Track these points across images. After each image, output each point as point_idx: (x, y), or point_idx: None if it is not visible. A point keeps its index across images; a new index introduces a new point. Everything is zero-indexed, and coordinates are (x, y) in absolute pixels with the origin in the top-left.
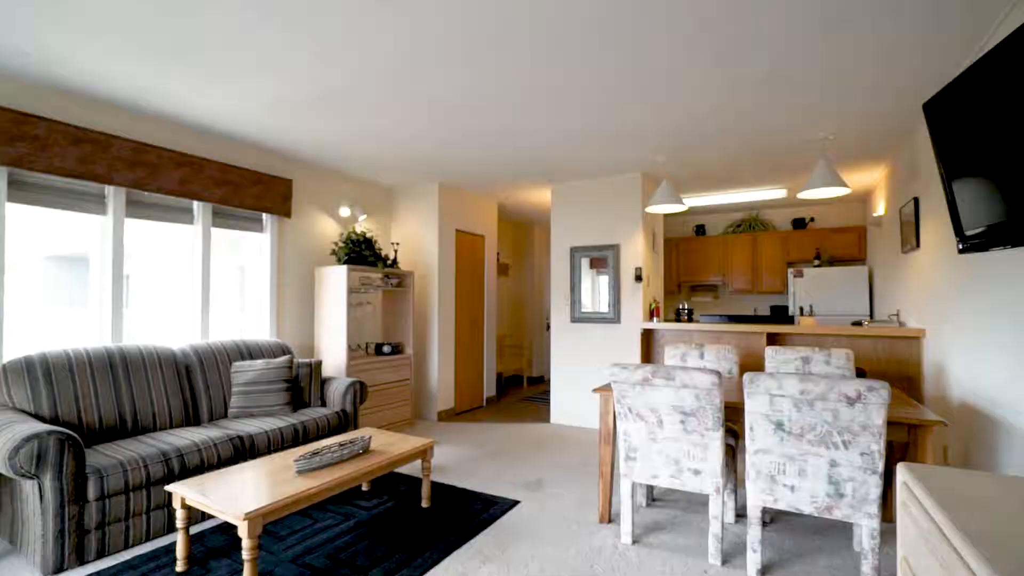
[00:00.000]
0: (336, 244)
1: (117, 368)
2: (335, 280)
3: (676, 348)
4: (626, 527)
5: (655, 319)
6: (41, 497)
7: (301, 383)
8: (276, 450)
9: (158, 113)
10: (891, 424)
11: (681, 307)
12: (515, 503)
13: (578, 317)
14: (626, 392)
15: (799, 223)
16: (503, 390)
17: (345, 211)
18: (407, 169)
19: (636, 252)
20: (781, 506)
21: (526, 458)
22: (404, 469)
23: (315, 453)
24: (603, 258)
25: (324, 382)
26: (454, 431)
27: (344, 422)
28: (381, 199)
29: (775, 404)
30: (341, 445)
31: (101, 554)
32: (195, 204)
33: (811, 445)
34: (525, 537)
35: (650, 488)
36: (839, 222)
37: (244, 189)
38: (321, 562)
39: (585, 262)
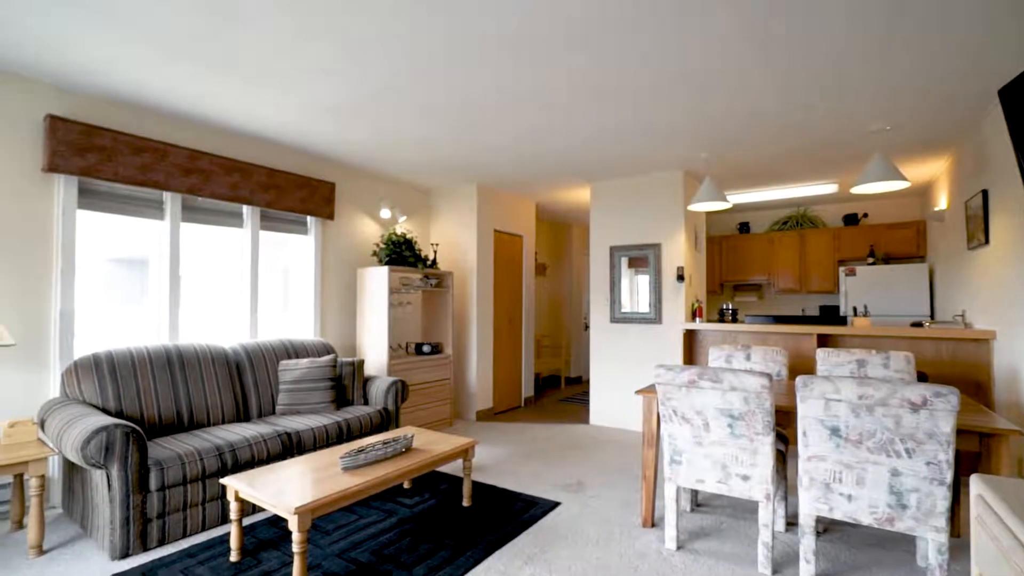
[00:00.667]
0: (377, 245)
1: (175, 365)
2: (376, 281)
3: (720, 349)
4: (670, 532)
5: (698, 319)
6: (109, 486)
7: (344, 382)
8: (321, 447)
9: (209, 121)
10: (960, 433)
11: (725, 307)
12: (556, 504)
13: (618, 317)
14: (671, 394)
15: (851, 219)
16: (541, 390)
17: (385, 213)
18: (446, 170)
19: (678, 251)
20: (837, 516)
21: (566, 459)
22: (445, 468)
23: (360, 451)
24: (643, 257)
25: (366, 381)
26: (493, 431)
27: (386, 420)
28: (420, 200)
29: (831, 409)
30: (384, 443)
31: (162, 542)
32: (244, 208)
33: (870, 453)
34: (567, 539)
35: (694, 493)
36: (895, 217)
37: (289, 193)
38: (366, 557)
39: (624, 261)
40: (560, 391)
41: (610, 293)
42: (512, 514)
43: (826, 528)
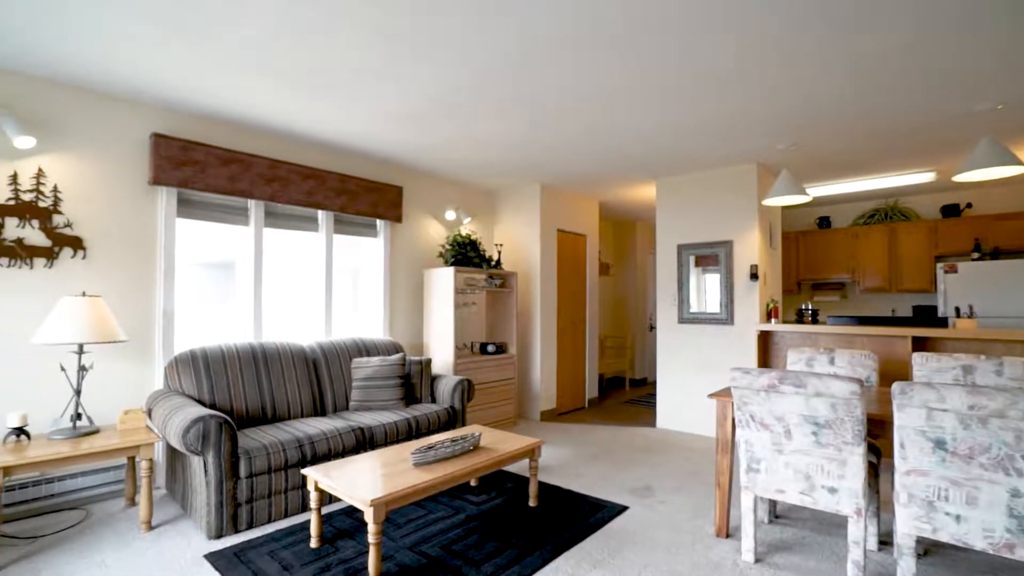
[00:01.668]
0: (443, 246)
1: (259, 362)
2: (442, 281)
3: (800, 352)
4: (747, 543)
5: (773, 320)
6: (205, 471)
7: (413, 380)
8: (392, 442)
9: (287, 132)
10: None
11: (804, 307)
12: (623, 508)
13: (686, 318)
14: (748, 399)
15: (951, 210)
16: (605, 392)
17: (450, 214)
18: (510, 171)
19: (751, 248)
20: (942, 537)
21: (632, 462)
22: (511, 467)
23: (430, 447)
24: (713, 255)
25: (433, 379)
26: (557, 431)
27: (453, 418)
28: (484, 201)
29: (934, 419)
30: (453, 441)
31: (250, 525)
32: (319, 213)
33: (984, 470)
34: (636, 544)
35: (773, 503)
36: (1005, 207)
37: (360, 197)
38: (436, 552)
39: (692, 260)
40: (624, 393)
41: (678, 293)
42: (579, 516)
43: (927, 550)
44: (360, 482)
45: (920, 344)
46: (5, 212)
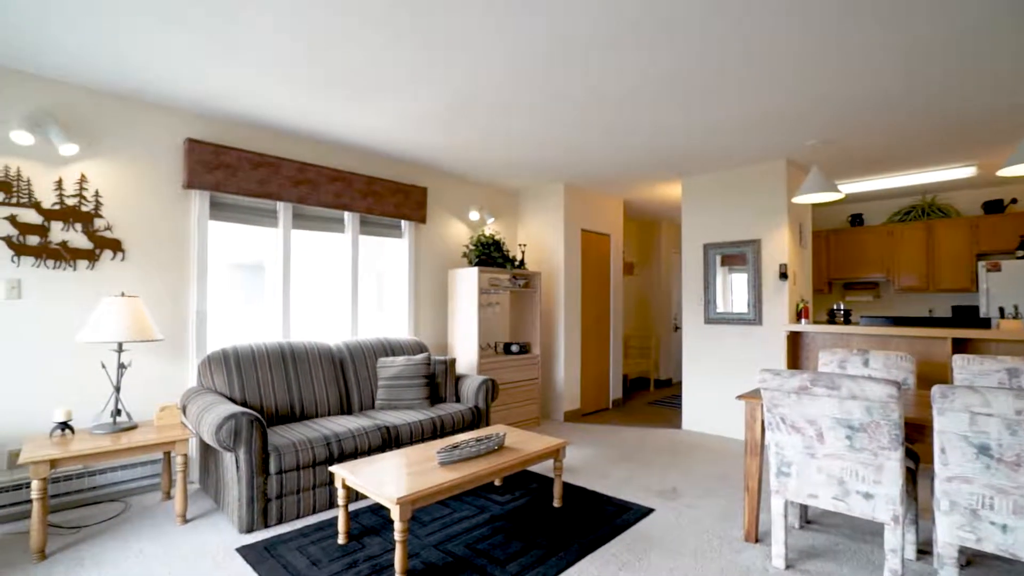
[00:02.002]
0: (467, 247)
1: (288, 361)
2: (466, 281)
3: (833, 354)
4: (778, 549)
5: (803, 321)
6: (237, 467)
7: (437, 379)
8: (417, 441)
9: (316, 135)
10: None
11: (836, 307)
12: (649, 511)
13: (712, 318)
14: (779, 401)
15: (994, 206)
16: (629, 392)
17: (474, 215)
18: (533, 171)
19: (780, 247)
20: (987, 548)
21: (658, 464)
22: (535, 467)
23: (455, 447)
24: (740, 255)
25: (458, 379)
26: (581, 432)
27: (477, 418)
28: (508, 202)
29: (978, 424)
30: (478, 440)
31: (279, 521)
32: (346, 214)
33: None
34: (662, 547)
35: (804, 508)
36: None
37: (386, 199)
38: (461, 551)
39: (718, 259)
40: (649, 393)
41: (704, 293)
42: (604, 518)
43: (970, 560)
44: (386, 480)
45: (960, 346)
46: (51, 216)
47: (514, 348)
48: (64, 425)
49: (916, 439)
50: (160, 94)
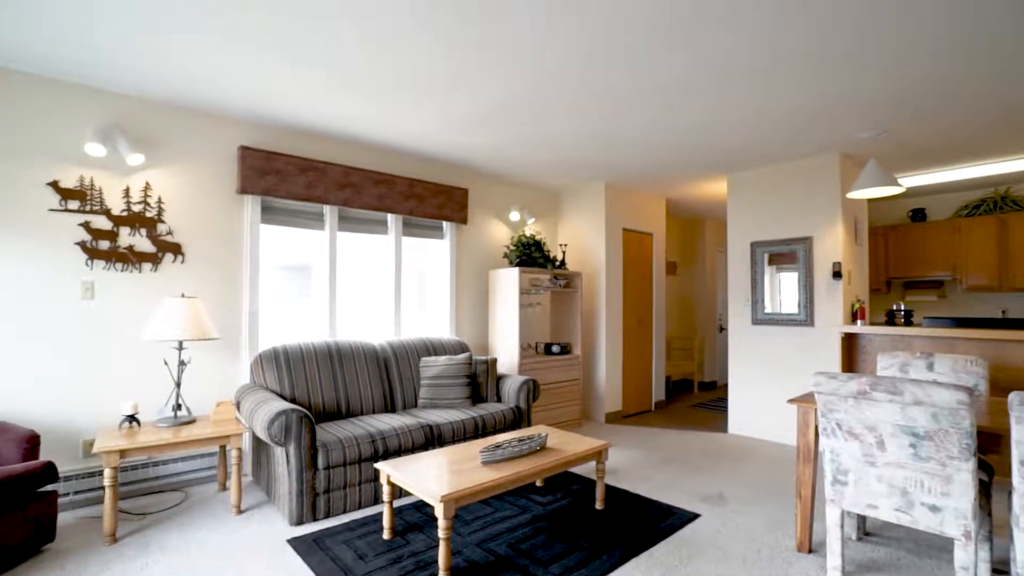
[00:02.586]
0: (507, 247)
1: (334, 360)
2: (507, 282)
3: (893, 357)
4: (833, 561)
5: (859, 322)
6: (287, 461)
7: (479, 379)
8: (459, 440)
9: (360, 139)
10: None
11: (896, 308)
12: (694, 516)
13: (760, 319)
14: (834, 405)
15: None
16: (672, 394)
17: (515, 215)
18: (574, 170)
19: (834, 245)
20: None
21: (703, 469)
22: (576, 469)
23: (497, 446)
24: (790, 253)
25: (499, 379)
26: (623, 434)
27: (518, 418)
28: (549, 202)
29: None
30: (520, 440)
31: (327, 515)
32: (389, 216)
33: None
34: (709, 554)
35: (862, 519)
36: None
37: (428, 200)
38: (503, 550)
39: (766, 258)
40: (693, 396)
41: (751, 293)
42: (648, 521)
43: None
44: (430, 478)
45: None
46: (120, 222)
47: (555, 348)
48: (131, 418)
49: (990, 450)
50: (216, 104)
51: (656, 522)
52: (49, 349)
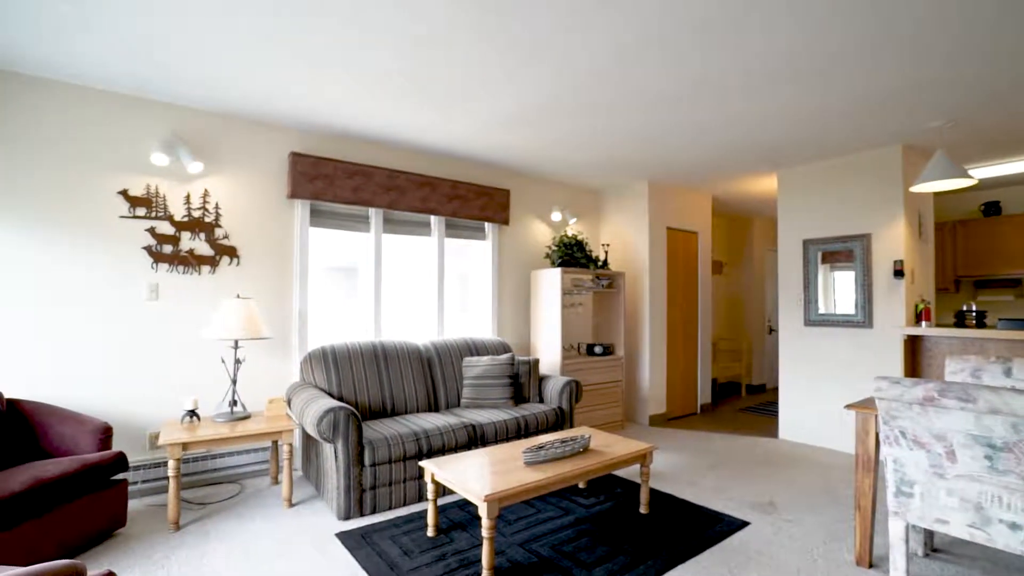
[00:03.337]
0: (549, 248)
1: (380, 360)
2: (549, 282)
3: (963, 361)
4: None
5: (924, 323)
6: (336, 457)
7: (521, 379)
8: (501, 440)
9: (404, 143)
10: None
11: (966, 308)
12: (744, 524)
13: (814, 320)
14: (898, 412)
15: None
16: (718, 398)
17: (556, 216)
18: (617, 169)
19: (895, 241)
20: None
21: (752, 475)
22: (620, 471)
23: (540, 447)
24: (846, 251)
25: (541, 379)
26: (667, 437)
27: (560, 419)
28: (590, 201)
29: None
30: (563, 442)
31: (373, 511)
32: (432, 218)
33: None
34: (760, 565)
35: (929, 534)
36: None
37: (470, 202)
38: (546, 551)
39: (819, 256)
40: (740, 399)
41: (803, 293)
42: (694, 528)
43: None
44: (474, 477)
45: None
46: (181, 227)
47: (597, 349)
48: (192, 413)
49: None
50: (268, 114)
51: (703, 528)
52: (119, 346)
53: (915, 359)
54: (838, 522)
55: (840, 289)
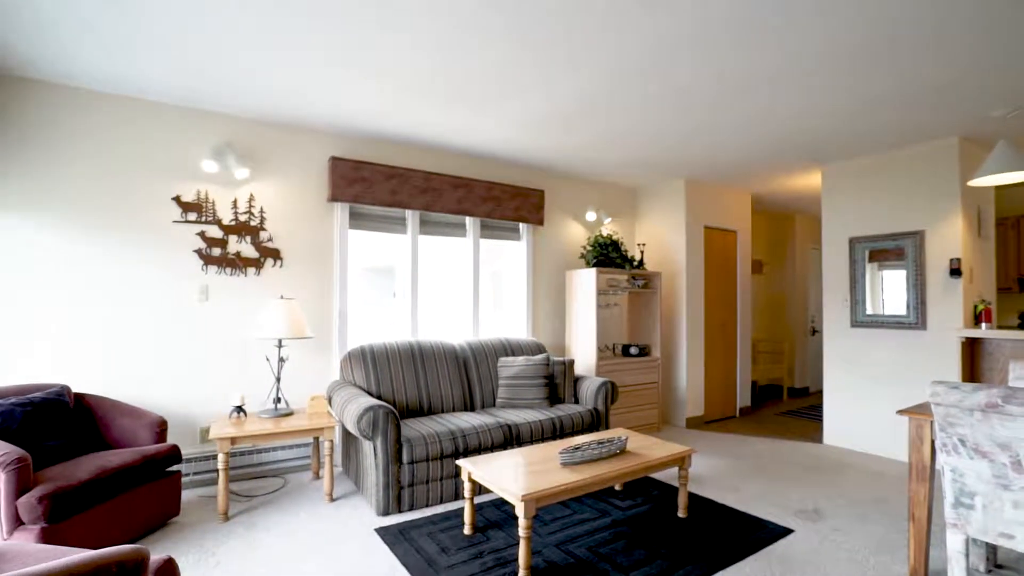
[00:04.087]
0: (584, 248)
1: (417, 359)
2: (584, 282)
3: None
4: None
5: (984, 325)
6: (375, 455)
7: (556, 380)
8: (537, 440)
9: (440, 146)
10: None
11: None
12: (787, 531)
13: (861, 321)
14: (956, 419)
15: None
16: (758, 401)
17: (591, 215)
18: (652, 167)
19: (950, 238)
20: None
21: (796, 481)
22: (656, 474)
23: (577, 448)
24: (897, 249)
25: (576, 380)
26: (705, 440)
27: (596, 420)
28: (626, 201)
29: None
30: (600, 443)
31: (411, 507)
32: (467, 219)
33: None
34: (806, 574)
35: (992, 548)
36: None
37: (505, 203)
38: (583, 553)
39: (867, 254)
40: (781, 403)
41: (850, 293)
42: (735, 533)
43: None
44: (511, 477)
45: None
46: (229, 231)
47: (633, 350)
48: (239, 409)
49: None
50: (310, 119)
51: (744, 535)
52: (172, 344)
53: (974, 363)
54: (889, 532)
55: (889, 289)
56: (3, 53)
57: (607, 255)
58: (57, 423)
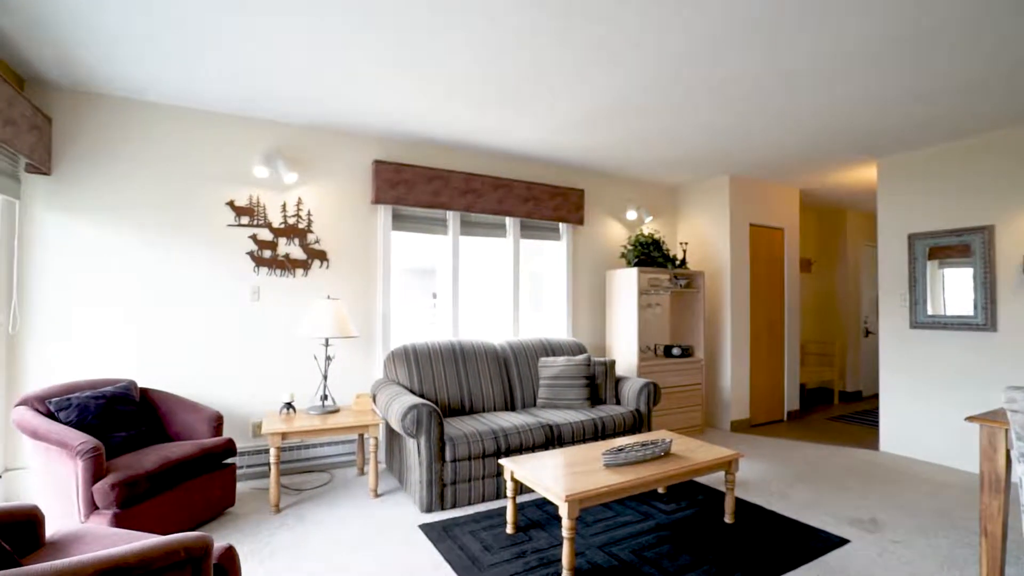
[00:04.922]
0: (625, 247)
1: (458, 359)
2: (625, 282)
3: None
4: None
5: None
6: (418, 452)
7: (597, 380)
8: (578, 441)
9: (480, 147)
10: None
11: None
12: (842, 541)
13: (921, 322)
14: None
15: None
16: (807, 404)
17: (631, 214)
18: (695, 164)
19: None
20: None
21: (850, 489)
22: (701, 478)
23: (620, 450)
24: (962, 245)
25: (617, 381)
26: (751, 444)
27: (638, 422)
28: (666, 199)
29: None
30: (643, 445)
31: (453, 505)
32: (507, 220)
33: None
34: None
35: None
36: None
37: (544, 203)
38: (627, 556)
39: (927, 252)
40: (832, 407)
41: (909, 292)
42: (785, 541)
43: None
44: (554, 477)
45: None
46: (279, 233)
47: (675, 351)
48: (289, 405)
49: None
50: (353, 124)
51: (795, 543)
52: (226, 343)
53: None
54: (957, 546)
55: (952, 288)
56: (73, 68)
57: (648, 254)
58: (126, 416)
